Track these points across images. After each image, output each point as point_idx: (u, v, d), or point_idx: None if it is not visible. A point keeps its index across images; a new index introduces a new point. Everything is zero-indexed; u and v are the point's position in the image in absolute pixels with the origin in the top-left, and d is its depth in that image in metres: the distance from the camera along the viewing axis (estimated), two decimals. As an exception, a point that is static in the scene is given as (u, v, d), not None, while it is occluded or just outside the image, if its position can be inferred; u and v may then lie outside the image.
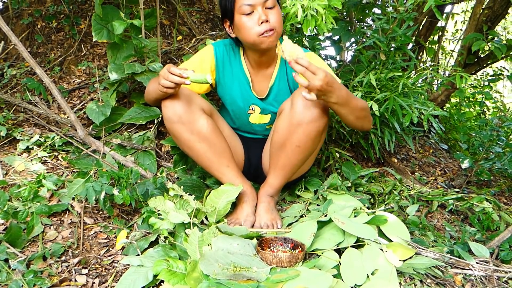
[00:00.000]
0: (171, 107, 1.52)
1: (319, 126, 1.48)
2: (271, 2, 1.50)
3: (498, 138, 2.30)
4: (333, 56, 2.73)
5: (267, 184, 1.67)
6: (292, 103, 1.50)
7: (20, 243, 1.36)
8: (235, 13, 1.52)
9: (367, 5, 2.66)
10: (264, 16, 1.47)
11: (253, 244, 1.34)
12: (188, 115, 1.53)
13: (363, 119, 1.53)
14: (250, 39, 1.52)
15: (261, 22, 1.48)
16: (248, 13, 1.49)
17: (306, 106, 1.46)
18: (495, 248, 1.54)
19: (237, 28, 1.55)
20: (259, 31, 1.49)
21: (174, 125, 1.54)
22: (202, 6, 3.40)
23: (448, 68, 3.65)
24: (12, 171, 1.73)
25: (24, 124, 2.08)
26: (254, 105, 1.76)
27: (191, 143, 1.57)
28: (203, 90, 1.76)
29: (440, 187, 2.40)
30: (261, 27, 1.49)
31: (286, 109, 1.54)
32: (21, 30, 2.63)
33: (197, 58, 1.73)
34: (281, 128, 1.54)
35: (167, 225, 1.40)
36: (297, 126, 1.48)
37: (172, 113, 1.52)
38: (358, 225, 1.37)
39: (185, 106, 1.52)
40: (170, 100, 1.52)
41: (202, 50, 1.77)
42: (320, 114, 1.46)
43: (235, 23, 1.55)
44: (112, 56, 2.17)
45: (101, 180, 1.47)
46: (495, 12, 2.93)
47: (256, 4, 1.48)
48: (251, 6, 1.48)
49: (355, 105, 1.46)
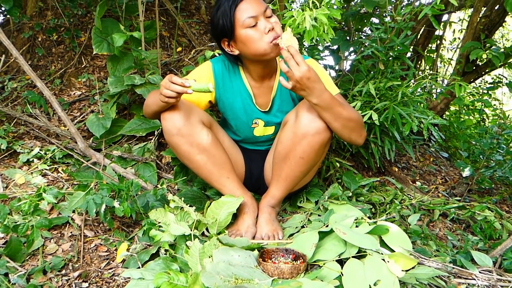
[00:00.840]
0: (170, 119, 1.51)
1: (324, 139, 1.48)
2: (269, 11, 1.52)
3: (499, 146, 2.30)
4: (332, 66, 2.74)
5: (269, 195, 1.66)
6: (297, 115, 1.50)
7: (20, 257, 1.35)
8: (237, 29, 1.50)
9: (365, 15, 2.68)
10: (269, 24, 1.49)
11: (255, 255, 1.33)
12: (187, 127, 1.53)
13: (350, 130, 1.49)
14: (261, 49, 1.51)
15: (268, 30, 1.48)
16: (252, 26, 1.49)
17: (312, 118, 1.46)
18: (498, 257, 1.53)
19: (242, 42, 1.52)
20: (268, 40, 1.48)
21: (173, 137, 1.54)
22: (201, 18, 3.42)
23: (447, 76, 3.67)
24: (12, 184, 1.73)
25: (25, 137, 2.08)
26: (257, 119, 1.75)
27: (191, 155, 1.57)
28: (201, 107, 1.73)
29: (441, 195, 2.40)
30: (269, 36, 1.48)
31: (291, 121, 1.54)
32: (22, 44, 2.65)
33: (195, 75, 1.69)
34: (285, 139, 1.54)
35: (168, 237, 1.40)
36: (302, 138, 1.48)
37: (171, 126, 1.52)
38: (360, 235, 1.36)
39: (184, 118, 1.52)
40: (169, 112, 1.52)
41: (200, 66, 1.76)
42: (325, 126, 1.46)
43: (238, 39, 1.52)
44: (112, 68, 2.18)
45: (102, 192, 1.47)
46: (492, 21, 2.95)
47: (258, 15, 1.49)
48: (254, 18, 1.48)
49: (339, 113, 1.43)
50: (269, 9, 1.52)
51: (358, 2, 2.85)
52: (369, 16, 2.64)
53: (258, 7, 1.49)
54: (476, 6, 2.94)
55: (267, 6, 1.52)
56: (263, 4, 1.52)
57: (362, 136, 1.55)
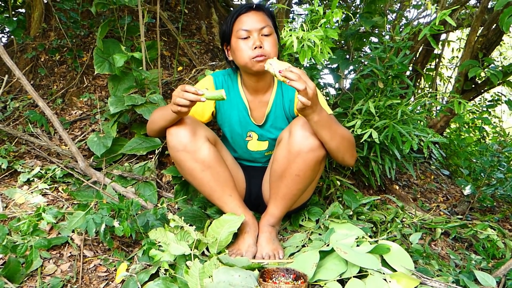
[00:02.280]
0: (176, 135, 1.53)
1: (319, 156, 1.49)
2: (267, 30, 1.57)
3: (499, 164, 2.30)
4: (332, 84, 2.76)
5: (268, 214, 1.65)
6: (290, 133, 1.51)
7: (18, 278, 1.33)
8: (232, 37, 1.61)
9: (364, 34, 2.71)
10: (259, 42, 1.54)
11: (255, 275, 1.32)
12: (193, 144, 1.54)
13: (344, 150, 1.51)
14: (243, 62, 1.58)
15: (255, 47, 1.54)
16: (244, 38, 1.57)
17: (305, 136, 1.46)
18: (501, 277, 1.51)
19: (233, 50, 1.62)
20: (251, 55, 1.55)
21: (178, 153, 1.55)
22: (202, 38, 3.47)
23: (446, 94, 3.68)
24: (12, 204, 1.73)
25: (26, 156, 2.08)
26: (251, 131, 1.78)
27: (195, 171, 1.57)
28: (205, 119, 1.79)
29: (443, 214, 2.38)
30: (254, 52, 1.55)
31: (285, 138, 1.55)
32: (25, 64, 2.68)
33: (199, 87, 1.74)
34: (280, 158, 1.55)
35: (168, 257, 1.39)
36: (296, 156, 1.49)
37: (177, 142, 1.54)
38: (361, 255, 1.35)
39: (190, 134, 1.54)
40: (175, 128, 1.54)
41: (201, 80, 1.81)
42: (319, 143, 1.47)
43: (232, 46, 1.63)
44: (113, 88, 2.20)
45: (102, 212, 1.46)
46: (490, 40, 2.99)
47: (252, 30, 1.56)
48: (247, 31, 1.56)
49: (335, 130, 1.46)
50: (268, 28, 1.58)
51: (357, 22, 2.89)
52: (368, 35, 2.67)
53: (255, 23, 1.57)
54: (473, 25, 2.98)
55: (266, 25, 1.57)
56: (264, 22, 1.58)
57: (353, 157, 1.58)
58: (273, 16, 1.67)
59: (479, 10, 2.96)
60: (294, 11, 4.71)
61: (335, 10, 1.85)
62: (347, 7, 3.80)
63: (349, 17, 2.75)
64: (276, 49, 1.60)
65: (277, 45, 1.61)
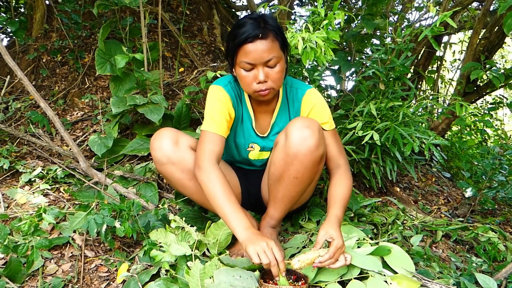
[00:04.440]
0: (159, 149, 1.53)
1: (316, 157, 1.48)
2: (273, 61, 1.44)
3: (501, 167, 2.30)
4: (334, 86, 2.76)
5: (268, 216, 1.65)
6: (286, 135, 1.49)
7: (19, 278, 1.34)
8: (236, 63, 1.48)
9: (365, 36, 2.72)
10: (263, 76, 1.44)
11: (256, 276, 1.32)
12: (176, 154, 1.54)
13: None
14: (246, 91, 1.54)
15: (258, 82, 1.46)
16: (248, 70, 1.46)
17: (302, 137, 1.44)
18: (502, 280, 1.50)
19: (237, 75, 1.52)
20: (254, 89, 1.48)
21: (163, 166, 1.55)
22: (203, 39, 3.47)
23: (448, 96, 3.69)
24: (14, 204, 1.73)
25: (27, 156, 2.09)
26: (254, 143, 1.73)
27: (184, 181, 1.57)
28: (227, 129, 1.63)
29: (444, 216, 2.38)
30: (257, 86, 1.47)
31: (281, 141, 1.52)
32: (27, 65, 2.69)
33: (217, 103, 1.59)
34: (278, 160, 1.53)
35: (169, 258, 1.39)
36: (294, 158, 1.47)
37: (160, 155, 1.54)
38: (362, 256, 1.35)
39: (173, 145, 1.53)
40: (157, 141, 1.54)
41: (213, 94, 1.61)
42: (316, 144, 1.45)
43: (235, 70, 1.51)
44: (115, 89, 2.20)
45: (103, 212, 1.46)
46: (492, 42, 2.99)
47: (257, 64, 1.43)
48: (251, 64, 1.44)
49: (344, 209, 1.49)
50: (274, 59, 1.43)
51: (358, 24, 2.89)
52: (370, 37, 2.68)
53: (260, 56, 1.41)
54: (475, 28, 2.98)
55: (272, 56, 1.42)
56: (270, 53, 1.42)
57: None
58: (281, 33, 1.48)
59: (481, 13, 2.96)
60: (296, 12, 4.72)
61: (337, 12, 1.85)
62: (348, 9, 3.81)
63: (351, 19, 2.75)
64: (282, 76, 1.50)
65: (284, 72, 1.51)
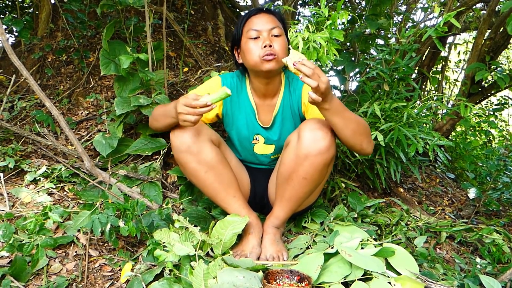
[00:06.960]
0: (180, 136, 1.54)
1: (326, 159, 1.48)
2: (277, 31, 1.59)
3: (506, 168, 2.29)
4: (338, 86, 2.76)
5: (273, 216, 1.65)
6: (299, 136, 1.50)
7: (24, 277, 1.34)
8: (242, 38, 1.63)
9: (370, 36, 2.71)
10: (268, 41, 1.56)
11: (259, 277, 1.32)
12: (196, 145, 1.54)
13: (360, 135, 1.46)
14: (252, 61, 1.59)
15: (264, 46, 1.56)
16: (254, 38, 1.59)
17: (314, 139, 1.46)
18: (507, 282, 1.50)
19: (243, 52, 1.63)
20: (260, 54, 1.56)
21: (182, 154, 1.55)
22: (208, 39, 3.48)
23: (452, 97, 3.67)
24: (19, 203, 1.74)
25: (32, 155, 2.10)
26: (258, 134, 1.77)
27: (198, 172, 1.58)
28: (209, 120, 1.79)
29: (448, 217, 2.37)
30: (263, 50, 1.56)
31: (293, 141, 1.54)
32: (32, 64, 2.70)
33: (206, 89, 1.74)
34: (288, 160, 1.54)
35: (172, 258, 1.39)
36: (304, 159, 1.48)
37: (180, 143, 1.54)
38: (366, 257, 1.35)
39: (194, 136, 1.54)
40: (179, 129, 1.54)
41: (209, 80, 1.80)
42: (327, 146, 1.46)
43: (241, 48, 1.64)
44: (119, 89, 2.21)
45: (107, 211, 1.47)
46: (497, 43, 2.98)
47: (262, 30, 1.59)
48: (257, 31, 1.59)
49: (349, 117, 1.43)
50: (278, 29, 1.60)
51: (362, 24, 2.89)
52: (374, 37, 2.67)
53: (265, 24, 1.59)
54: (480, 28, 2.97)
55: (276, 26, 1.59)
56: (274, 23, 1.60)
57: (371, 144, 1.53)
58: (283, 20, 1.68)
59: (486, 13, 2.95)
60: (299, 12, 4.72)
61: (341, 12, 1.85)
62: (352, 9, 3.80)
63: (355, 19, 2.75)
64: (285, 51, 1.60)
65: (286, 48, 1.61)
